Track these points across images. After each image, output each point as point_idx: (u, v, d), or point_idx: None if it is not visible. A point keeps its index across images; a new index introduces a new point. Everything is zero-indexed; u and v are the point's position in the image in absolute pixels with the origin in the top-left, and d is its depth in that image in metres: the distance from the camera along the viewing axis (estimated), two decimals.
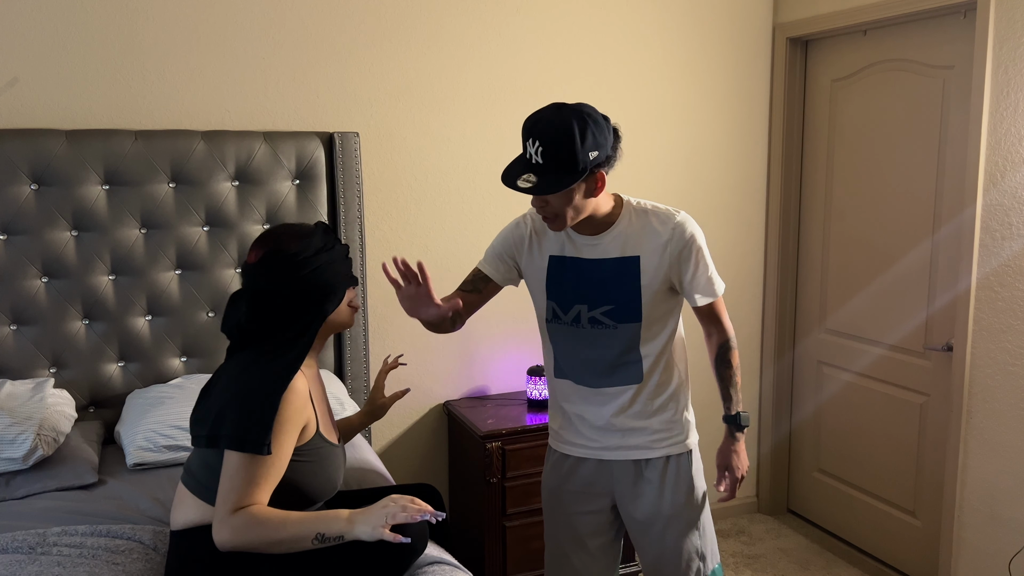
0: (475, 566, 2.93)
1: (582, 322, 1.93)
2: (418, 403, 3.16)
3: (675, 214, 1.91)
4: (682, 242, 1.88)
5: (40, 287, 2.53)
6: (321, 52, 2.86)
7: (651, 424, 1.99)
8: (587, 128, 1.72)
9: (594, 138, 1.73)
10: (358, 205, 2.86)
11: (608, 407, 1.98)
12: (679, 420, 2.02)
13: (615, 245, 1.90)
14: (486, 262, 2.05)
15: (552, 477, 2.12)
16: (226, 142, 2.68)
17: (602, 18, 3.24)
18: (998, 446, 2.73)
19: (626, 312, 1.90)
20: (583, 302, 1.92)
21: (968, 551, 2.86)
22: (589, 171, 1.74)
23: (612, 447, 2.01)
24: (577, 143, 1.70)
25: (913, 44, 3.01)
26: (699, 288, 1.92)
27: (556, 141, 1.70)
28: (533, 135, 1.72)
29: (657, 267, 1.89)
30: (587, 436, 2.03)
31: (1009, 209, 2.64)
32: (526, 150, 1.74)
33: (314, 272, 1.72)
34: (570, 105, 1.75)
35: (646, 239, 1.89)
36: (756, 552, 3.46)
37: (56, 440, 2.25)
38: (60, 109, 2.57)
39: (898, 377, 3.17)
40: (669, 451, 2.01)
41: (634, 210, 1.92)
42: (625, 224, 1.90)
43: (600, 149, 1.74)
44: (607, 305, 1.90)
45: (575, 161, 1.71)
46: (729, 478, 2.07)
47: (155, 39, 2.65)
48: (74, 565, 1.75)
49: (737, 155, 3.56)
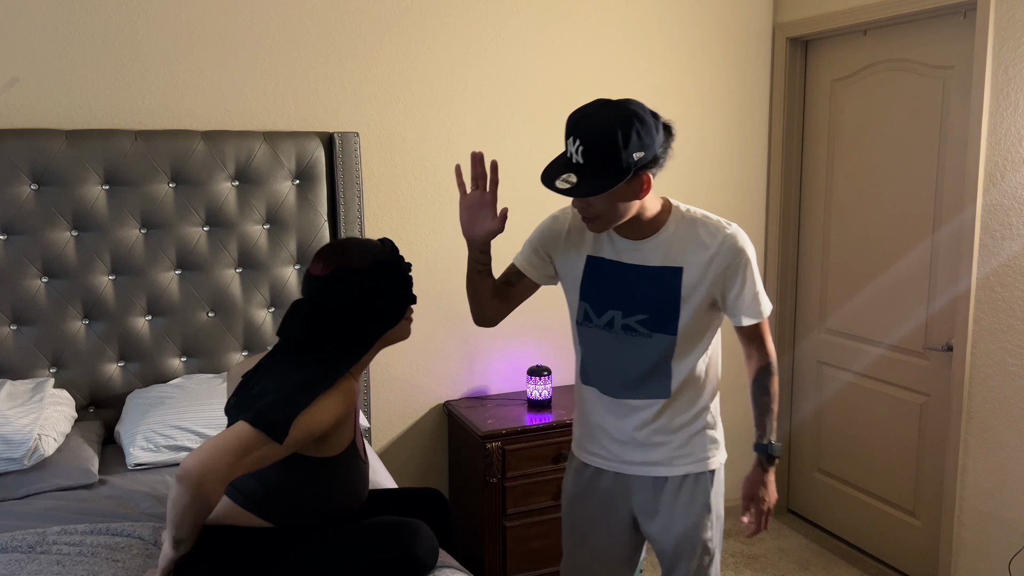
0: (475, 566, 2.93)
1: (615, 327, 1.83)
2: (418, 403, 3.16)
3: (726, 226, 1.79)
4: (730, 257, 1.76)
5: (40, 287, 2.53)
6: (321, 52, 2.86)
7: (673, 440, 1.88)
8: (632, 128, 1.60)
9: (640, 139, 1.61)
10: (358, 205, 2.86)
11: (631, 420, 1.88)
12: (704, 436, 1.91)
13: (658, 252, 1.79)
14: (520, 255, 1.97)
15: (572, 485, 2.03)
16: (226, 142, 2.68)
17: (602, 18, 3.24)
18: (998, 446, 2.73)
19: (662, 323, 1.80)
20: (618, 308, 1.82)
21: (968, 551, 2.86)
22: (634, 173, 1.63)
23: (632, 462, 1.91)
24: (620, 144, 1.59)
25: (913, 44, 3.01)
26: (744, 307, 1.81)
27: (599, 141, 1.60)
28: (575, 133, 1.62)
29: (700, 281, 1.77)
30: (607, 448, 1.93)
31: (1009, 209, 2.64)
32: (567, 148, 1.65)
33: (378, 290, 1.72)
34: (616, 102, 1.65)
35: (691, 250, 1.77)
36: (756, 552, 3.46)
37: (56, 440, 2.25)
38: (60, 109, 2.57)
39: (898, 377, 3.17)
40: (689, 469, 1.89)
41: (682, 217, 1.80)
42: (671, 231, 1.79)
43: (647, 150, 1.63)
44: (643, 314, 1.80)
45: (618, 162, 1.60)
46: (755, 510, 1.94)
47: (155, 39, 2.66)
48: (73, 563, 1.76)
49: (737, 155, 3.56)
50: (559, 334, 3.30)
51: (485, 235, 1.80)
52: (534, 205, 3.18)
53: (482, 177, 1.77)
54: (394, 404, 3.12)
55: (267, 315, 2.80)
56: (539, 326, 3.28)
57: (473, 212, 1.78)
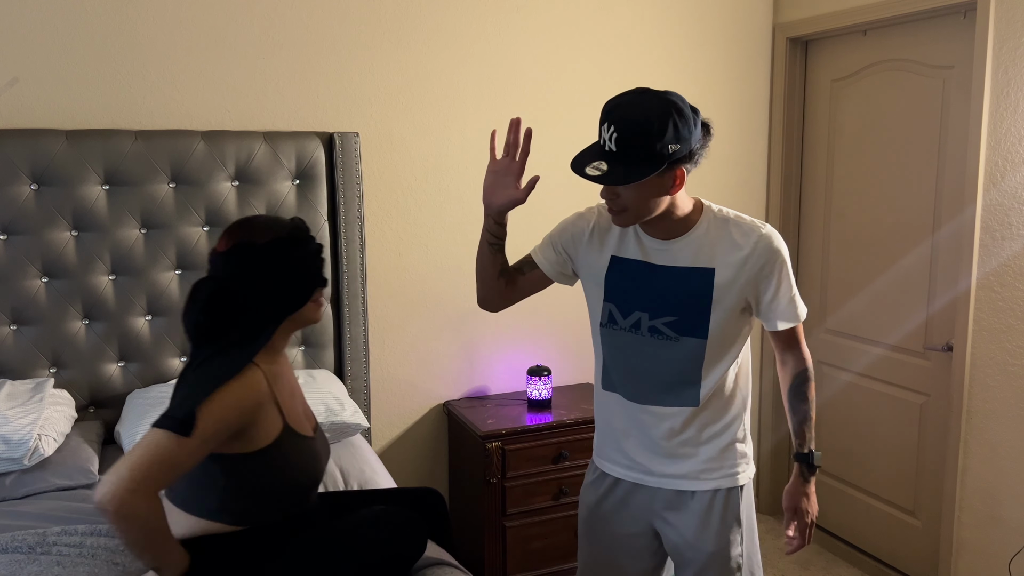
0: (475, 566, 2.93)
1: (641, 330, 1.75)
2: (418, 403, 3.16)
3: (760, 226, 1.73)
4: (765, 258, 1.70)
5: (40, 287, 2.53)
6: (321, 52, 2.86)
7: (701, 452, 1.80)
8: (670, 118, 1.55)
9: (676, 130, 1.55)
10: (358, 205, 2.86)
11: (657, 429, 1.79)
12: (733, 450, 1.82)
13: (688, 253, 1.72)
14: (538, 247, 1.89)
15: (590, 493, 1.94)
16: (226, 142, 2.68)
17: (602, 18, 3.24)
18: (998, 446, 2.73)
19: (691, 326, 1.72)
20: (645, 309, 1.74)
21: (968, 551, 2.86)
22: (667, 165, 1.57)
23: (657, 473, 1.82)
24: (655, 132, 1.53)
25: (913, 44, 3.01)
26: (779, 311, 1.74)
27: (634, 129, 1.54)
28: (610, 120, 1.57)
29: (732, 282, 1.70)
30: (631, 458, 1.84)
31: (1009, 209, 2.64)
32: (600, 135, 1.59)
33: (283, 268, 1.67)
34: (656, 91, 1.59)
35: (724, 250, 1.71)
36: None
37: (56, 440, 2.25)
38: (60, 109, 2.57)
39: (898, 377, 3.17)
40: (719, 484, 1.81)
41: (714, 217, 1.73)
42: (702, 231, 1.72)
43: (683, 143, 1.57)
44: (671, 316, 1.73)
45: (652, 152, 1.54)
46: (798, 522, 1.85)
47: (155, 39, 2.65)
48: (74, 565, 1.76)
49: (737, 155, 3.56)
50: (559, 334, 3.30)
51: (505, 202, 1.73)
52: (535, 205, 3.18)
53: (514, 145, 1.71)
54: (394, 404, 3.12)
55: None
56: (539, 326, 3.28)
57: (498, 178, 1.72)
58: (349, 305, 2.88)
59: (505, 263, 1.86)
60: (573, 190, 3.44)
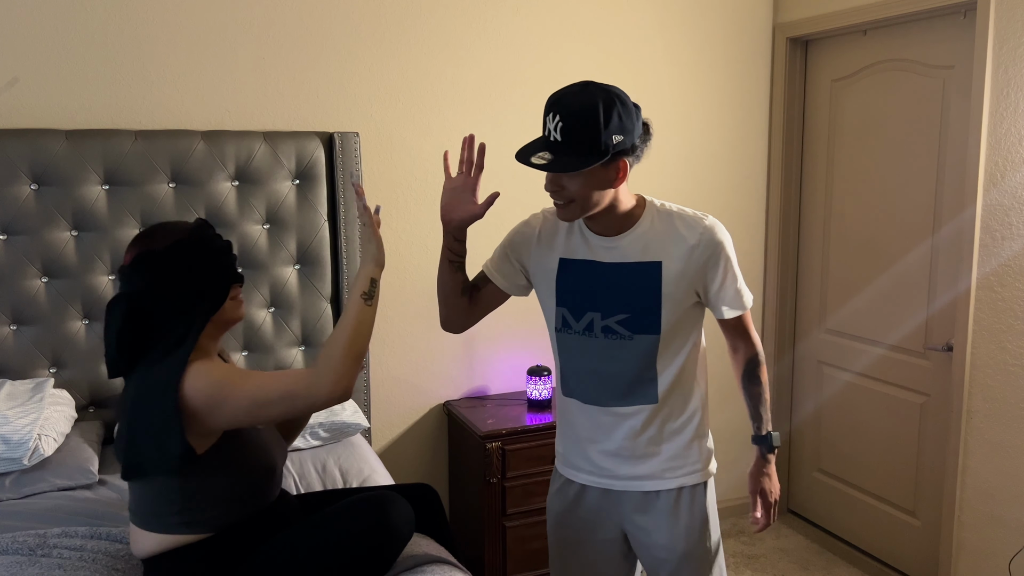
0: (475, 566, 2.93)
1: (595, 331, 1.76)
2: (418, 403, 3.16)
3: (703, 218, 1.74)
4: (710, 248, 1.71)
5: (40, 287, 2.53)
6: (321, 52, 2.86)
7: (664, 450, 1.81)
8: (614, 109, 1.57)
9: (620, 121, 1.58)
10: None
11: (619, 431, 1.80)
12: (695, 447, 1.83)
13: (635, 248, 1.73)
14: (490, 260, 1.91)
15: (557, 502, 1.94)
16: (226, 142, 2.68)
17: (602, 18, 3.24)
18: (998, 446, 2.73)
19: (644, 322, 1.73)
20: (596, 309, 1.75)
21: (968, 551, 2.86)
22: (611, 156, 1.59)
23: (622, 476, 1.83)
24: (601, 123, 1.56)
25: (913, 44, 3.01)
26: (727, 299, 1.75)
27: (578, 118, 1.56)
28: (555, 109, 1.59)
29: (681, 274, 1.71)
30: (595, 463, 1.84)
31: (1009, 209, 2.64)
32: (545, 126, 1.61)
33: (189, 270, 1.67)
34: (599, 84, 1.62)
35: (670, 243, 1.72)
36: (756, 552, 3.46)
37: (56, 440, 2.25)
38: (60, 109, 2.57)
39: (898, 377, 3.17)
40: (683, 481, 1.82)
41: (657, 212, 1.75)
42: (647, 226, 1.73)
43: (626, 135, 1.59)
44: (623, 313, 1.73)
45: (597, 142, 1.56)
46: (763, 504, 1.88)
47: (155, 39, 2.65)
48: (75, 568, 1.75)
49: (737, 155, 3.56)
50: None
51: (464, 217, 1.75)
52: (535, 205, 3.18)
53: (468, 162, 1.74)
54: (394, 404, 3.12)
55: (267, 315, 2.80)
56: (539, 326, 3.26)
57: (455, 194, 1.75)
58: None
59: (466, 281, 1.87)
60: None
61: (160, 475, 1.62)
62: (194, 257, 1.68)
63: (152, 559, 1.69)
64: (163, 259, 1.65)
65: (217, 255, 1.71)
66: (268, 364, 2.79)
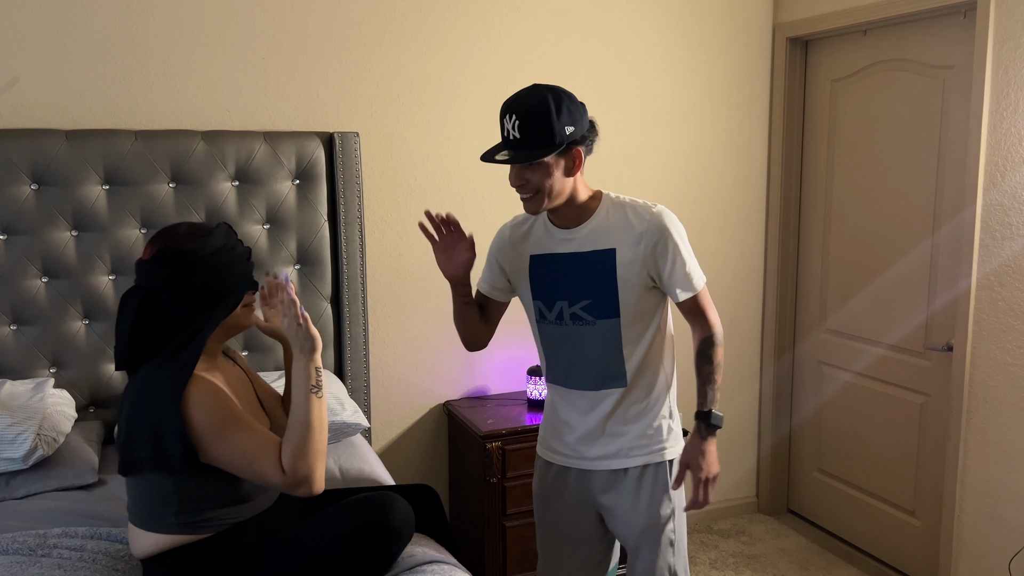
0: (475, 566, 2.93)
1: (565, 319, 1.91)
2: (418, 403, 3.16)
3: (652, 207, 1.88)
4: (656, 235, 1.84)
5: (40, 287, 2.53)
6: (321, 52, 2.85)
7: (631, 430, 1.94)
8: (562, 103, 1.75)
9: (570, 113, 1.76)
10: (358, 205, 2.86)
11: (593, 414, 1.94)
12: (660, 427, 1.95)
13: (591, 239, 1.88)
14: (481, 280, 2.08)
15: (539, 485, 2.09)
16: (226, 142, 2.68)
17: (602, 18, 3.24)
18: (998, 446, 2.73)
19: (604, 307, 1.87)
20: (564, 297, 1.90)
21: (968, 551, 2.86)
22: (566, 146, 1.77)
23: (592, 457, 1.96)
24: (553, 115, 1.73)
25: (913, 44, 3.01)
26: (678, 282, 1.87)
27: (532, 114, 1.73)
28: (511, 110, 1.76)
29: (632, 261, 1.85)
30: (570, 445, 1.99)
31: (1009, 209, 2.64)
32: (503, 127, 1.78)
33: (209, 272, 1.67)
34: (547, 84, 1.80)
35: (622, 232, 1.86)
36: (756, 552, 3.46)
37: (56, 440, 2.25)
38: (60, 109, 2.57)
39: (898, 377, 3.17)
40: (647, 459, 1.94)
41: (612, 203, 1.90)
42: (602, 217, 1.88)
43: (576, 125, 1.77)
44: (586, 299, 1.88)
45: (552, 134, 1.73)
46: (693, 478, 1.91)
47: (155, 39, 2.65)
48: (75, 568, 1.75)
49: (737, 155, 3.56)
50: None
51: (464, 266, 1.91)
52: None
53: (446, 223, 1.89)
54: (394, 404, 3.12)
55: None
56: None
57: (447, 253, 1.91)
58: (349, 305, 2.88)
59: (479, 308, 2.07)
60: None
61: (157, 473, 1.62)
62: (215, 260, 1.69)
63: (151, 559, 1.69)
64: (185, 258, 1.66)
65: (237, 260, 1.73)
66: (268, 364, 2.79)
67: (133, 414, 1.63)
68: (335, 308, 2.89)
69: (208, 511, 1.69)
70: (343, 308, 2.88)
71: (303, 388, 1.65)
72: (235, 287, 1.72)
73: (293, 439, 1.62)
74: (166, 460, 1.59)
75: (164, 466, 1.60)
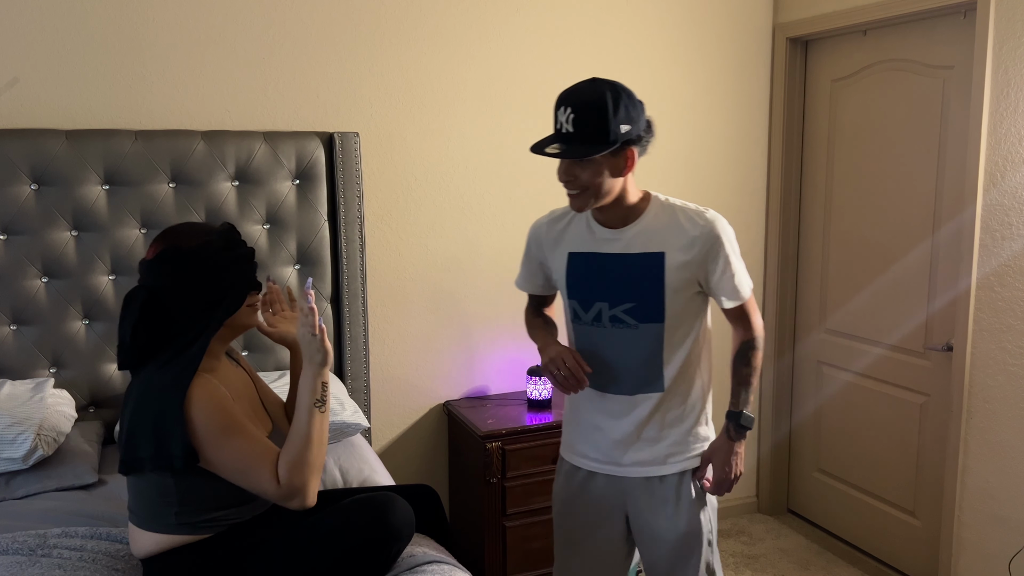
0: (475, 566, 2.93)
1: (603, 321, 1.85)
2: (418, 403, 3.16)
3: (705, 212, 1.83)
4: (710, 242, 1.79)
5: (40, 287, 2.53)
6: (321, 52, 2.85)
7: (667, 435, 1.89)
8: (620, 100, 1.69)
9: (627, 112, 1.69)
10: (358, 205, 2.86)
11: (627, 419, 1.89)
12: (697, 432, 1.92)
13: (639, 240, 1.81)
14: (523, 281, 2.07)
15: (563, 488, 2.02)
16: (226, 142, 2.68)
17: (602, 18, 3.24)
18: (998, 446, 2.73)
19: (648, 311, 1.81)
20: (604, 299, 1.84)
21: (968, 551, 2.86)
22: (620, 145, 1.70)
23: (626, 463, 1.91)
24: (610, 112, 1.66)
25: (913, 44, 3.01)
26: (725, 291, 1.83)
27: (588, 108, 1.67)
28: (567, 103, 1.70)
29: (682, 266, 1.80)
30: (602, 450, 1.93)
31: (1009, 209, 2.64)
32: (557, 119, 1.71)
33: (212, 272, 1.68)
34: (606, 79, 1.73)
35: (672, 236, 1.80)
36: (756, 552, 3.46)
37: (56, 440, 2.25)
38: (60, 109, 2.57)
39: (898, 377, 3.17)
40: (685, 466, 1.91)
41: (661, 205, 1.84)
42: (651, 219, 1.82)
43: (633, 124, 1.71)
44: (629, 303, 1.82)
45: (606, 131, 1.67)
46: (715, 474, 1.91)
47: (155, 39, 2.65)
48: (75, 568, 1.75)
49: (737, 155, 3.56)
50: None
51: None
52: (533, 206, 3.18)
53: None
54: (394, 404, 3.12)
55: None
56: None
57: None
58: (349, 305, 2.88)
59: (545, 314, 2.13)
60: None
61: (159, 472, 1.62)
62: (219, 260, 1.69)
63: (151, 559, 1.69)
64: (189, 258, 1.67)
65: (240, 261, 1.74)
66: (268, 364, 2.79)
67: (136, 414, 1.63)
68: (335, 308, 2.89)
69: (209, 511, 1.69)
70: (343, 308, 2.88)
71: (307, 402, 1.66)
72: (238, 287, 1.73)
73: (291, 451, 1.63)
74: (168, 460, 1.59)
75: (166, 466, 1.60)
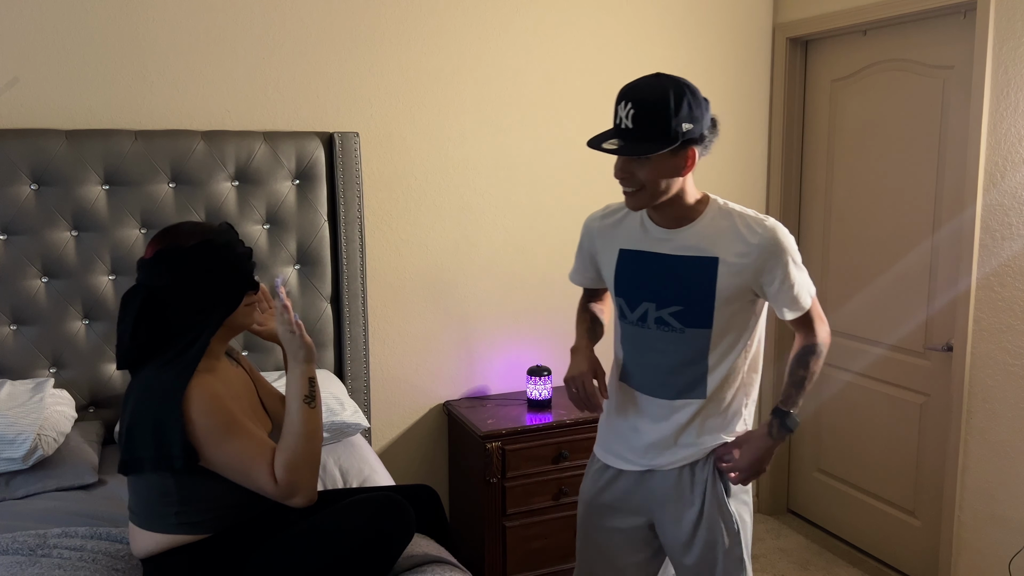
0: (475, 566, 2.93)
1: (648, 322, 1.79)
2: (418, 403, 3.16)
3: (764, 220, 1.74)
4: (769, 251, 1.72)
5: (40, 287, 2.53)
6: (321, 52, 2.85)
7: (704, 442, 1.83)
8: (683, 97, 1.62)
9: (690, 110, 1.62)
10: (358, 205, 2.86)
11: (666, 423, 1.82)
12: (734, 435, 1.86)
13: (693, 242, 1.74)
14: (576, 274, 2.02)
15: (590, 487, 1.97)
16: (226, 142, 2.67)
17: (602, 19, 3.24)
18: (998, 446, 2.73)
19: (696, 316, 1.75)
20: (652, 299, 1.78)
21: (968, 551, 2.86)
22: (680, 144, 1.63)
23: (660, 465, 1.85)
24: (671, 109, 1.60)
25: (913, 44, 3.01)
26: (785, 303, 1.76)
27: (649, 105, 1.61)
28: (628, 98, 1.64)
29: (737, 273, 1.72)
30: (638, 451, 1.87)
31: (1009, 209, 2.64)
32: (616, 114, 1.66)
33: (210, 272, 1.68)
34: (670, 75, 1.67)
35: (729, 242, 1.73)
36: (756, 552, 3.46)
37: (56, 440, 2.25)
38: (60, 109, 2.57)
39: (898, 377, 3.17)
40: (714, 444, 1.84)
41: (720, 209, 1.77)
42: (707, 222, 1.75)
43: (695, 123, 1.64)
44: (676, 305, 1.76)
45: (667, 129, 1.60)
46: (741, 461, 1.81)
47: (155, 39, 2.65)
48: (75, 568, 1.75)
49: (737, 155, 3.56)
50: (559, 334, 3.29)
51: None
52: (533, 206, 3.18)
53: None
54: (394, 404, 3.12)
55: None
56: (539, 326, 3.28)
57: None
58: (349, 305, 2.88)
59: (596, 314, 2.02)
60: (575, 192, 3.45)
61: (159, 472, 1.62)
62: (217, 259, 1.69)
63: (151, 559, 1.69)
64: (187, 257, 1.67)
65: (238, 260, 1.74)
66: (268, 364, 2.79)
67: (136, 413, 1.63)
68: (335, 308, 2.89)
69: (209, 511, 1.69)
70: (343, 308, 2.88)
71: (296, 399, 1.67)
72: (236, 287, 1.73)
73: (286, 450, 1.63)
74: (168, 459, 1.59)
75: (166, 466, 1.60)
